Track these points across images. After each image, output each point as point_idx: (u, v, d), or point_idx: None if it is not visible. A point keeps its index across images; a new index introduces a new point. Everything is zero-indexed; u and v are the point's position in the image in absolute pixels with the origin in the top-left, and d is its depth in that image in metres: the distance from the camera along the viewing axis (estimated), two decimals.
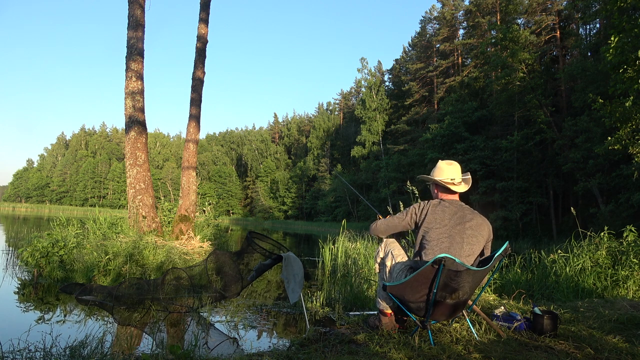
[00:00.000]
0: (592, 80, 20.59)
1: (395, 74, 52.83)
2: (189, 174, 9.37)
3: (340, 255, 7.05)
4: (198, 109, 9.69)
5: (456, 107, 31.79)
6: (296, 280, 3.33)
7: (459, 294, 2.54)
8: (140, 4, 8.56)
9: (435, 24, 45.13)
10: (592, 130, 20.28)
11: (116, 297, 4.07)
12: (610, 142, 11.65)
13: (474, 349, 2.38)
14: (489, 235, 2.74)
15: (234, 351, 2.93)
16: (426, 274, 2.43)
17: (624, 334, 2.72)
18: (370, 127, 46.54)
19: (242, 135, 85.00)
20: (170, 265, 5.72)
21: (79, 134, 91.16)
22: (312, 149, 63.08)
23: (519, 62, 22.41)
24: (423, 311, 2.58)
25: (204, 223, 9.84)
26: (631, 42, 10.31)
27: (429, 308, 2.49)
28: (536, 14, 30.89)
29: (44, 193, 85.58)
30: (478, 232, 2.68)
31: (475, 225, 2.69)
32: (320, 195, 55.98)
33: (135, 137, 8.29)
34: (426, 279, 2.46)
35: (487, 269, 2.57)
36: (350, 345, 2.52)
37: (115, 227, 7.60)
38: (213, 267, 4.30)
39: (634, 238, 4.91)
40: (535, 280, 4.80)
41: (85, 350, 2.35)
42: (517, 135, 25.68)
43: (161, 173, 74.16)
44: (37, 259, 5.40)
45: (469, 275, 2.50)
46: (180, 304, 4.20)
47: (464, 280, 2.49)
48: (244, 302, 4.67)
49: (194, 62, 9.80)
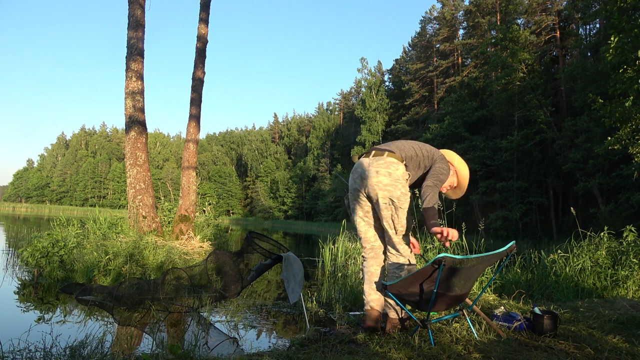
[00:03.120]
0: (592, 80, 20.60)
1: (395, 74, 52.84)
2: (189, 174, 9.38)
3: (340, 255, 7.05)
4: (198, 109, 9.70)
5: (456, 107, 31.81)
6: (296, 280, 3.33)
7: (459, 286, 2.57)
8: (140, 4, 8.56)
9: (435, 24, 45.14)
10: (592, 130, 20.30)
11: (116, 297, 4.07)
12: (610, 142, 11.65)
13: (474, 349, 2.38)
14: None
15: (234, 351, 2.93)
16: (426, 272, 2.45)
17: (624, 334, 2.72)
18: (370, 127, 46.54)
19: (242, 135, 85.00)
20: (171, 265, 5.72)
21: (79, 134, 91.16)
22: (312, 149, 63.06)
23: (519, 62, 22.42)
24: (423, 305, 2.60)
25: (204, 223, 9.84)
26: (631, 42, 10.31)
27: (430, 303, 2.50)
28: (536, 14, 30.90)
29: (44, 193, 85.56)
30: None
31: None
32: (320, 195, 55.97)
33: (136, 137, 8.29)
34: (425, 277, 2.48)
35: (487, 259, 2.56)
36: (350, 345, 2.53)
37: (116, 227, 7.60)
38: (213, 267, 4.30)
39: (634, 238, 4.91)
40: (535, 280, 4.80)
41: (85, 350, 2.35)
42: (517, 135, 25.69)
43: (161, 173, 74.14)
44: (37, 259, 5.40)
45: (470, 268, 2.54)
46: (180, 304, 4.20)
47: (463, 273, 2.53)
48: (244, 302, 4.67)
49: (194, 62, 9.80)
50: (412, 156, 2.90)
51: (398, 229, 2.81)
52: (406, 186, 2.83)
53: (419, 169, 2.92)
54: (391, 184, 2.77)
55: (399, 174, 2.79)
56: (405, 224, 2.82)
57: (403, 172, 2.82)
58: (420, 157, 2.91)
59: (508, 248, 2.58)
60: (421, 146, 2.96)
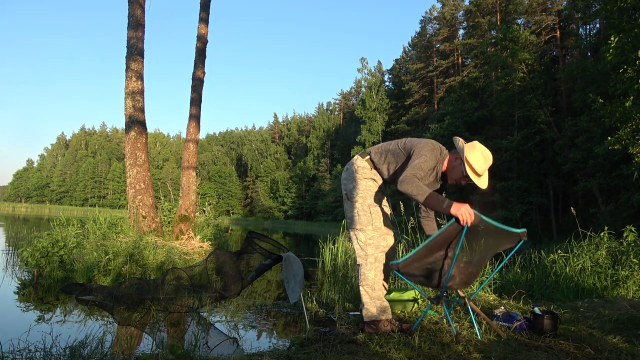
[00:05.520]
0: (592, 80, 20.57)
1: (395, 74, 52.85)
2: (189, 174, 9.37)
3: (340, 255, 7.06)
4: (198, 108, 9.69)
5: (456, 107, 31.80)
6: (296, 280, 3.33)
7: (474, 258, 2.58)
8: (140, 4, 8.55)
9: (435, 24, 45.15)
10: (592, 130, 20.28)
11: (116, 297, 4.07)
12: (610, 142, 11.64)
13: (474, 349, 2.38)
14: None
15: (234, 351, 2.93)
16: (446, 235, 2.44)
17: (624, 334, 2.72)
18: (370, 127, 46.53)
19: (242, 135, 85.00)
20: (170, 265, 5.72)
21: (79, 134, 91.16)
22: (312, 149, 63.06)
23: (519, 62, 22.41)
24: (437, 280, 2.58)
25: (204, 223, 9.84)
26: (631, 42, 10.31)
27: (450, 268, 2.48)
28: (536, 14, 30.90)
29: (44, 193, 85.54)
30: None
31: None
32: (320, 195, 55.96)
33: (135, 137, 8.28)
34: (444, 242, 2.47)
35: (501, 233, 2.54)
36: (350, 345, 2.52)
37: (115, 227, 7.60)
38: (213, 267, 4.30)
39: (634, 238, 4.91)
40: (535, 280, 4.80)
41: (85, 350, 2.35)
42: (517, 135, 25.67)
43: (161, 173, 74.12)
44: (37, 259, 5.40)
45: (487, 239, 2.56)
46: (180, 304, 4.20)
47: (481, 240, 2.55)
48: (244, 302, 4.67)
49: (194, 62, 9.80)
50: (382, 150, 2.85)
51: (348, 222, 2.87)
52: (361, 180, 2.81)
53: (394, 161, 2.79)
54: (346, 177, 2.89)
55: (353, 168, 2.87)
56: (357, 217, 2.78)
57: (359, 166, 2.84)
58: (393, 149, 2.81)
59: (521, 232, 2.53)
60: (404, 140, 2.86)
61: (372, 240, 2.79)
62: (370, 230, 2.79)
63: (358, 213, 2.79)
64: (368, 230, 2.79)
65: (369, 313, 2.76)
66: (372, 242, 2.79)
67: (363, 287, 2.79)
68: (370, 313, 2.76)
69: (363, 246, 2.79)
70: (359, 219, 2.79)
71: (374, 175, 2.86)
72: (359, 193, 2.80)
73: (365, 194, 2.81)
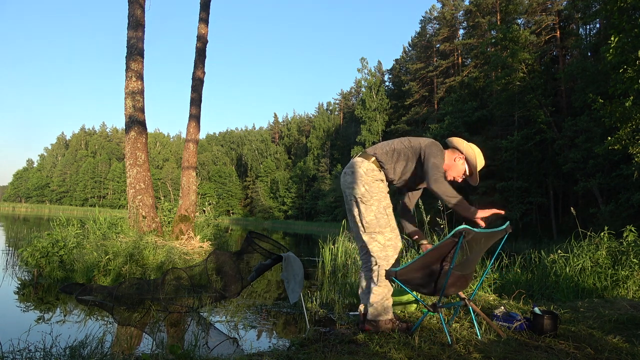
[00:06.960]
0: (592, 80, 20.57)
1: (395, 74, 52.83)
2: (189, 174, 9.37)
3: (340, 255, 7.06)
4: (198, 108, 9.69)
5: (456, 107, 31.79)
6: (296, 280, 3.33)
7: (468, 264, 2.60)
8: (140, 4, 8.55)
9: (435, 24, 45.12)
10: (592, 130, 20.28)
11: (116, 297, 4.07)
12: (610, 142, 11.64)
13: (474, 349, 2.38)
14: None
15: (234, 351, 2.93)
16: (442, 249, 2.45)
17: (624, 334, 2.72)
18: (370, 127, 46.52)
19: (242, 135, 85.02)
20: (170, 265, 5.72)
21: (79, 134, 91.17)
22: (312, 149, 63.06)
23: (519, 62, 22.41)
24: (434, 288, 2.58)
25: (204, 223, 9.83)
26: (631, 42, 10.31)
27: (446, 280, 2.48)
28: (536, 14, 30.90)
29: (44, 193, 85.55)
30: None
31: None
32: (320, 195, 55.96)
33: (135, 137, 8.28)
34: (440, 255, 2.48)
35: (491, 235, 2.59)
36: (350, 345, 2.52)
37: (115, 227, 7.60)
38: (213, 267, 4.30)
39: (634, 238, 4.90)
40: (535, 280, 4.79)
41: (85, 350, 2.35)
42: (517, 135, 25.67)
43: (161, 173, 74.13)
44: (37, 259, 5.40)
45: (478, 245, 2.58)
46: (180, 304, 4.20)
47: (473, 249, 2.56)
48: (244, 302, 4.67)
49: (194, 62, 9.79)
50: (388, 150, 2.85)
51: (365, 226, 2.78)
52: (373, 182, 2.78)
53: (404, 161, 2.83)
54: (353, 181, 2.81)
55: (361, 171, 2.80)
56: (375, 220, 2.76)
57: (367, 169, 2.79)
58: (400, 148, 2.84)
59: (505, 227, 2.62)
60: (406, 139, 2.90)
61: (390, 242, 2.80)
62: (388, 231, 2.80)
63: (376, 216, 2.77)
64: (386, 232, 2.80)
65: (375, 312, 2.78)
66: (391, 243, 2.81)
67: (378, 286, 2.77)
68: (377, 312, 2.78)
69: (383, 248, 2.78)
70: (378, 222, 2.78)
71: (383, 176, 2.86)
72: (374, 196, 2.77)
73: (380, 196, 2.80)
